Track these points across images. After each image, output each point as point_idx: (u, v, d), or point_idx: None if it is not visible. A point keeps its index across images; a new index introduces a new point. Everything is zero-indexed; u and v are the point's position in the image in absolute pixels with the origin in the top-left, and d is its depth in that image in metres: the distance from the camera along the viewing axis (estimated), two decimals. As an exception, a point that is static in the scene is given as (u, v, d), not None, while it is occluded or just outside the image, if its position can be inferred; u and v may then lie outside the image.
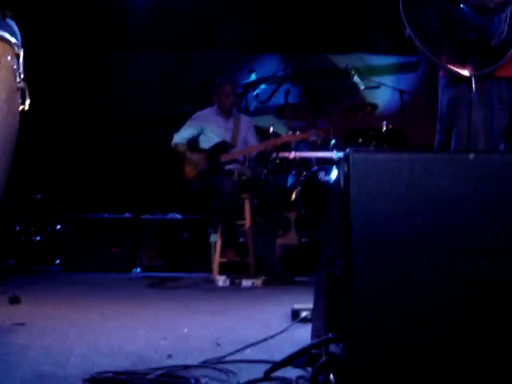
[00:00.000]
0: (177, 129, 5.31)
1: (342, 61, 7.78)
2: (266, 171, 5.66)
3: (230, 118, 5.16)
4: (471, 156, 1.10)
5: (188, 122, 5.19)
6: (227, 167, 4.96)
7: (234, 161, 5.00)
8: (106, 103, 7.92)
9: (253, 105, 7.52)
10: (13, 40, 2.60)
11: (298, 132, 5.29)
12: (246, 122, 5.25)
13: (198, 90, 8.06)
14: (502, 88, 2.20)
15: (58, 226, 6.12)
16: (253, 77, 7.32)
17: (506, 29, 2.09)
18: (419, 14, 2.23)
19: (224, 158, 4.95)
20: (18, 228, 6.05)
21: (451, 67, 2.19)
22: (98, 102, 7.91)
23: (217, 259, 4.78)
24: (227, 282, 4.42)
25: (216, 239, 4.91)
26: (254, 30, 7.87)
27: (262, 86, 7.45)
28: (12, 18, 2.93)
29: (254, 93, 7.35)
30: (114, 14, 7.77)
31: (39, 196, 6.39)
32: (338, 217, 1.19)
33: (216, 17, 7.68)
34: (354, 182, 1.10)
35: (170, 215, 5.96)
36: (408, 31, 2.22)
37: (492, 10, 2.10)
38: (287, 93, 7.41)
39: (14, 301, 3.12)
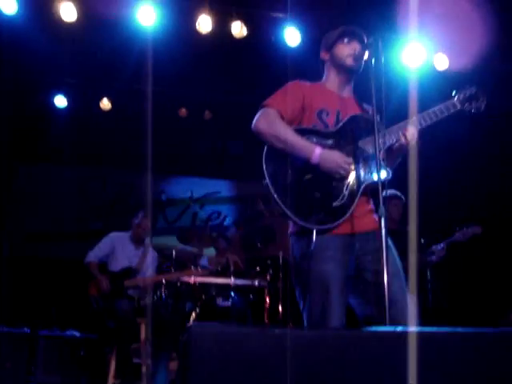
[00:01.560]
0: (86, 244, 5.61)
1: (249, 188, 8.25)
2: (165, 294, 5.92)
3: (141, 246, 5.58)
4: (277, 331, 1.47)
5: (103, 241, 5.52)
6: (129, 292, 5.25)
7: (135, 286, 5.31)
8: (13, 218, 7.86)
9: (160, 224, 7.78)
10: None
11: (199, 269, 5.57)
12: (152, 256, 5.67)
13: (108, 207, 8.23)
14: (347, 242, 2.49)
15: (-48, 339, 6.03)
16: (163, 198, 7.67)
17: (347, 194, 2.53)
18: (279, 167, 2.52)
19: (127, 282, 5.27)
20: None
21: (297, 219, 2.47)
22: (3, 217, 7.82)
23: (111, 380, 4.92)
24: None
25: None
26: (164, 152, 8.11)
27: (171, 208, 7.80)
28: None
29: (163, 213, 7.68)
30: (27, 127, 7.74)
31: None
32: (183, 374, 1.53)
33: (129, 136, 7.79)
34: (192, 349, 1.45)
35: (69, 332, 6.04)
36: (266, 181, 2.52)
37: (337, 178, 2.53)
38: (194, 215, 7.80)
39: None
